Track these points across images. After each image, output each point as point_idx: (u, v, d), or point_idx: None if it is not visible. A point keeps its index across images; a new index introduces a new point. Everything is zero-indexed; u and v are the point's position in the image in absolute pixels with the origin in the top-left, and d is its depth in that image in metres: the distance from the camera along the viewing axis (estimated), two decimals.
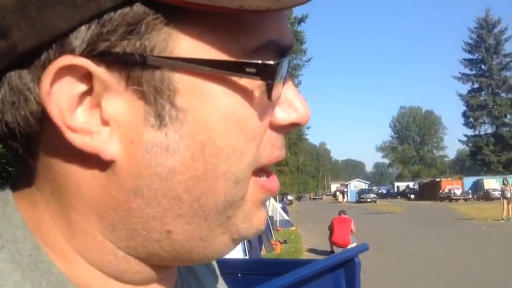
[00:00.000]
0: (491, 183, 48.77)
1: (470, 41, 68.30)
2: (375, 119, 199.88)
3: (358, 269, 2.52)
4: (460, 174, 71.64)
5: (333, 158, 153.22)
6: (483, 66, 67.38)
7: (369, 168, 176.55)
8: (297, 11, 40.71)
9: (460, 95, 69.57)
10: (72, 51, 0.31)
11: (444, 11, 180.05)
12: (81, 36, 0.31)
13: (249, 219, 0.39)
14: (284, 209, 22.62)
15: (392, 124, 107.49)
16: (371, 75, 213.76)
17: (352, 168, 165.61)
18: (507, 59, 65.82)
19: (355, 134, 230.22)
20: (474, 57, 68.51)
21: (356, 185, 72.37)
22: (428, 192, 57.51)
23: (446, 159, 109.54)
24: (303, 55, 47.04)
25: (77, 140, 0.32)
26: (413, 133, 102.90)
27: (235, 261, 3.03)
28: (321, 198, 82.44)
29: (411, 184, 74.68)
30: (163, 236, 0.36)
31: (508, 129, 64.91)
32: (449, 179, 61.07)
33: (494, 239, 14.25)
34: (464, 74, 69.03)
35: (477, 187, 51.89)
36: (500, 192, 22.75)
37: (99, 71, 0.32)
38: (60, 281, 0.33)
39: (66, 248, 0.35)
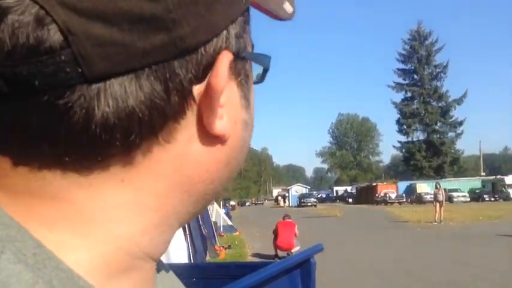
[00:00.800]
0: (423, 187, 51.37)
1: (404, 52, 71.65)
2: (315, 125, 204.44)
3: (314, 269, 2.53)
4: (394, 179, 74.67)
5: (275, 163, 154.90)
6: (415, 76, 70.84)
7: (309, 173, 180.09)
8: None
9: (394, 103, 72.66)
10: (228, 48, 0.34)
11: (380, 22, 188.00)
12: (231, 34, 0.35)
13: None
14: (227, 215, 22.57)
15: (331, 130, 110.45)
16: (312, 82, 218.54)
17: (293, 173, 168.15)
18: (437, 70, 69.68)
19: (296, 140, 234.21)
20: (407, 67, 71.90)
21: (297, 189, 73.52)
22: (365, 196, 59.48)
23: (381, 164, 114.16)
24: None
25: (219, 125, 0.35)
26: (350, 139, 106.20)
27: (188, 265, 2.95)
28: (262, 203, 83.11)
29: (349, 188, 76.89)
30: (213, 193, 0.39)
31: (438, 136, 68.58)
32: (385, 183, 63.39)
33: (429, 239, 14.95)
34: (398, 83, 72.19)
35: (410, 191, 54.38)
36: (432, 196, 23.90)
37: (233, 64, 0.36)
38: (70, 277, 0.31)
39: (105, 233, 0.33)
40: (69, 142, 0.31)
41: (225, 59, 0.34)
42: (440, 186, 22.33)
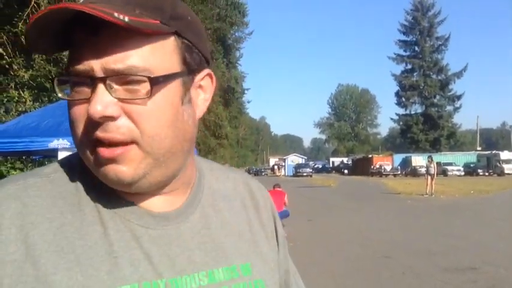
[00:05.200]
0: (419, 160, 51.78)
1: (406, 23, 70.87)
2: (314, 95, 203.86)
3: None
4: (390, 151, 75.08)
5: (273, 133, 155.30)
6: (416, 48, 70.33)
7: (307, 143, 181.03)
8: None
9: (394, 75, 72.44)
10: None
11: None
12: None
13: (95, 170, 0.63)
14: None
15: (330, 101, 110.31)
16: (312, 53, 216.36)
17: (291, 143, 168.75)
18: (439, 42, 69.13)
19: (295, 110, 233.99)
20: (409, 39, 71.29)
21: (293, 159, 73.86)
22: (361, 167, 60.03)
23: (379, 136, 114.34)
24: (244, 27, 46.87)
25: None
26: (349, 110, 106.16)
27: None
28: (266, 174, 78.24)
29: (345, 160, 77.44)
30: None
31: (436, 109, 68.62)
32: (381, 155, 63.89)
33: (417, 211, 15.29)
34: (398, 55, 71.74)
35: (406, 164, 54.86)
36: (425, 169, 24.17)
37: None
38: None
39: None
40: None
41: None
42: (432, 160, 22.57)
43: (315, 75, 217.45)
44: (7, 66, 10.51)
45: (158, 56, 0.61)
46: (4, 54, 10.35)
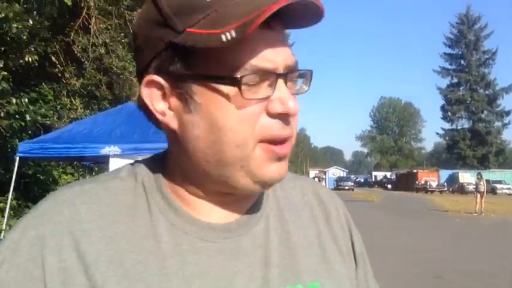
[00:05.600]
0: (466, 177, 49.86)
1: (451, 36, 68.99)
2: (356, 108, 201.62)
3: None
4: (436, 167, 72.74)
5: (312, 145, 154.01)
6: (462, 62, 68.19)
7: (348, 156, 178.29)
8: None
9: (439, 88, 70.41)
10: (150, 72, 0.58)
11: (428, 4, 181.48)
12: (153, 64, 0.58)
13: (261, 169, 0.58)
14: None
15: (372, 114, 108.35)
16: (354, 64, 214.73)
17: (331, 156, 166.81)
18: (486, 56, 66.77)
19: (336, 122, 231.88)
20: (454, 52, 69.27)
21: (334, 172, 72.95)
22: (405, 182, 58.40)
23: (423, 151, 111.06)
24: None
25: (158, 117, 0.60)
26: (392, 124, 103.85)
27: None
28: None
29: (388, 174, 75.66)
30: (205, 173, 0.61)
31: (484, 125, 66.08)
32: (426, 170, 61.96)
33: (466, 230, 14.66)
34: (444, 68, 69.77)
35: (452, 180, 52.91)
36: (474, 186, 23.25)
37: (162, 82, 0.58)
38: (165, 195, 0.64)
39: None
40: None
41: (145, 78, 0.59)
42: (481, 177, 21.68)
43: (356, 87, 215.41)
44: (59, 74, 10.87)
45: None
46: (57, 62, 10.72)
